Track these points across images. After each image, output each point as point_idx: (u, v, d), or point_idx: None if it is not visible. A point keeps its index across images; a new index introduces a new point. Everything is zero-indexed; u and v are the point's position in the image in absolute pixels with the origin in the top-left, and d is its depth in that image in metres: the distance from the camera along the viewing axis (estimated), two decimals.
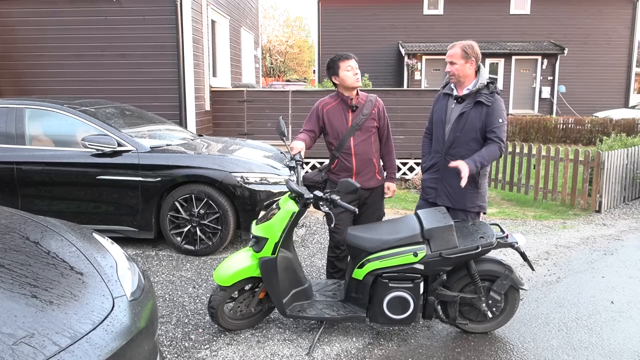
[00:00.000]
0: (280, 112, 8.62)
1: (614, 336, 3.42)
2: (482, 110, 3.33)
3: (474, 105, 3.35)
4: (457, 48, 3.37)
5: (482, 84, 3.35)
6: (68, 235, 2.45)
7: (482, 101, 3.32)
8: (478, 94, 3.34)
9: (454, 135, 3.41)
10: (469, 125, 3.36)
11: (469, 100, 3.38)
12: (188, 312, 3.71)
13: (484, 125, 3.34)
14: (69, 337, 1.78)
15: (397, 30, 19.63)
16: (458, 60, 3.37)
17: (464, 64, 3.36)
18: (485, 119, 3.33)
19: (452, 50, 3.40)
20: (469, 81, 3.40)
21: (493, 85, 3.36)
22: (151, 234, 4.95)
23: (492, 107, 3.31)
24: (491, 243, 3.10)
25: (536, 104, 19.44)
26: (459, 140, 3.40)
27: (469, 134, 3.37)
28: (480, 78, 3.36)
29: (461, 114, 3.38)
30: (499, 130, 3.32)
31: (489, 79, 3.39)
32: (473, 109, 3.35)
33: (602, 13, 19.27)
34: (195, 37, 7.89)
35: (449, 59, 3.42)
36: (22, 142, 4.97)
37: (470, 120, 3.35)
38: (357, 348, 3.24)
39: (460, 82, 3.42)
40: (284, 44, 37.84)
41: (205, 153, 5.11)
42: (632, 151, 7.36)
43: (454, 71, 3.40)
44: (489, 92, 3.34)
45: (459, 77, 3.40)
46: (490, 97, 3.33)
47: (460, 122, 3.38)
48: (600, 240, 5.62)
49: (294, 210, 3.12)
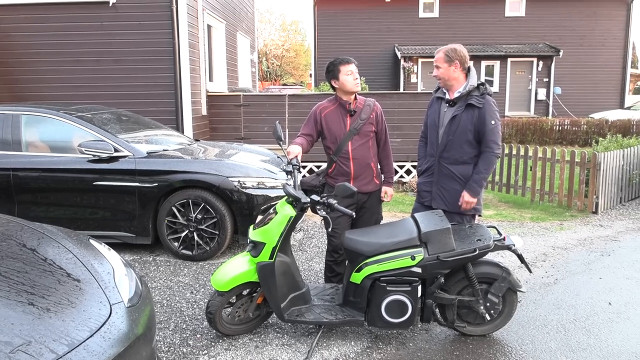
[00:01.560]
0: (277, 116, 8.63)
1: (612, 337, 3.42)
2: (473, 113, 3.35)
3: (466, 108, 3.37)
4: (441, 53, 3.44)
5: (472, 86, 3.37)
6: (65, 242, 2.45)
7: (473, 103, 3.34)
8: (469, 97, 3.37)
9: (447, 138, 3.43)
10: (461, 129, 3.38)
11: (461, 103, 3.40)
12: (186, 318, 3.70)
13: (476, 128, 3.36)
14: (67, 345, 1.77)
15: (393, 34, 19.69)
16: (442, 64, 3.42)
17: (448, 67, 3.40)
18: (477, 121, 3.35)
19: (437, 55, 3.47)
20: (458, 84, 3.43)
21: (484, 87, 3.38)
22: (148, 240, 4.93)
23: (484, 109, 3.34)
24: (488, 246, 3.10)
25: (532, 106, 19.51)
26: (452, 143, 3.42)
27: (461, 137, 3.39)
28: (470, 80, 3.39)
29: (453, 117, 3.41)
30: (491, 133, 3.34)
31: (479, 81, 3.41)
32: (465, 111, 3.37)
33: (596, 15, 19.38)
34: (191, 42, 7.90)
35: (434, 64, 3.48)
36: (18, 148, 4.96)
37: (463, 123, 3.37)
38: (356, 352, 3.23)
39: (449, 85, 3.46)
40: (280, 47, 37.90)
41: (202, 158, 5.11)
42: (628, 152, 7.38)
43: (439, 75, 3.46)
44: (479, 94, 3.36)
45: (446, 80, 3.45)
46: (481, 99, 3.35)
47: (453, 125, 3.41)
48: (597, 241, 5.63)
49: (291, 215, 3.12)
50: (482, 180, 3.40)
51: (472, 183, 3.40)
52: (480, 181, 3.40)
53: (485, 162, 3.39)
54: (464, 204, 3.42)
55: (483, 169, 3.39)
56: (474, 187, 3.40)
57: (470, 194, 3.40)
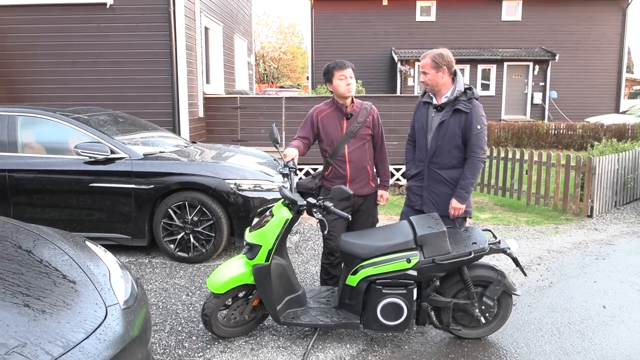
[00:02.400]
0: (273, 118, 8.63)
1: (606, 341, 3.44)
2: (461, 118, 3.37)
3: (453, 113, 3.38)
4: (428, 58, 3.43)
5: (460, 91, 3.38)
6: (60, 243, 2.44)
7: (461, 109, 3.35)
8: (456, 102, 3.38)
9: (436, 144, 3.44)
10: (450, 134, 3.39)
11: (448, 109, 3.41)
12: (182, 320, 3.70)
13: (463, 133, 3.38)
14: (62, 347, 1.77)
15: (390, 37, 19.75)
16: (429, 70, 3.42)
17: (435, 74, 3.40)
18: (464, 126, 3.36)
19: (423, 60, 3.46)
20: (445, 89, 3.44)
21: (471, 91, 3.39)
22: (144, 242, 4.93)
23: (470, 113, 3.35)
24: (484, 249, 3.11)
25: (528, 110, 19.59)
26: (441, 148, 3.43)
27: (450, 142, 3.41)
28: (457, 85, 3.39)
29: (441, 123, 3.41)
30: (476, 138, 3.35)
31: (466, 85, 3.42)
32: (452, 117, 3.38)
33: (592, 19, 19.49)
34: (188, 44, 7.90)
35: (420, 69, 3.48)
36: (14, 149, 4.95)
37: (451, 128, 3.39)
38: (351, 355, 3.24)
39: (436, 90, 3.46)
40: (278, 50, 37.90)
41: (198, 160, 5.11)
42: (623, 156, 7.42)
43: (427, 81, 3.46)
44: (467, 99, 3.37)
45: (433, 86, 3.45)
46: (468, 104, 3.36)
47: (441, 131, 3.42)
48: (592, 245, 5.65)
49: (287, 217, 3.12)
50: (469, 185, 3.41)
51: (459, 189, 3.42)
52: (467, 187, 3.41)
53: (471, 168, 3.40)
54: (452, 211, 3.44)
55: (469, 174, 3.40)
56: (462, 193, 3.42)
57: (458, 201, 3.42)
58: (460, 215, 3.49)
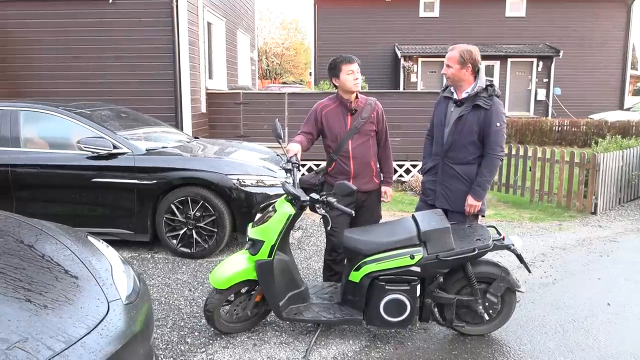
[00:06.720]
0: (276, 114, 8.60)
1: (610, 338, 3.42)
2: (480, 114, 3.34)
3: (472, 108, 3.36)
4: (456, 52, 3.38)
5: (481, 87, 3.36)
6: (63, 238, 2.43)
7: (480, 105, 3.33)
8: (477, 98, 3.35)
9: (452, 138, 3.42)
10: (467, 129, 3.37)
11: (468, 104, 3.39)
12: (184, 316, 3.69)
13: (481, 129, 3.35)
14: (64, 342, 1.76)
15: (393, 33, 19.67)
16: (454, 65, 3.38)
17: (459, 69, 3.37)
18: (482, 122, 3.34)
19: (451, 52, 3.41)
20: (467, 85, 3.41)
21: (492, 88, 3.37)
22: (147, 237, 4.92)
23: (490, 110, 3.33)
24: (488, 245, 3.09)
25: (532, 106, 19.53)
26: (457, 143, 3.42)
27: (467, 138, 3.38)
28: (479, 81, 3.37)
29: (459, 117, 3.39)
30: (495, 135, 3.33)
31: (487, 82, 3.39)
32: (471, 112, 3.36)
33: (597, 16, 19.38)
34: (191, 39, 7.87)
35: (446, 61, 3.43)
36: (17, 144, 4.94)
37: (469, 123, 3.37)
38: (354, 351, 3.23)
39: (457, 85, 3.44)
40: (280, 46, 37.84)
41: (201, 155, 5.09)
42: (627, 153, 7.38)
43: (449, 74, 3.43)
44: (487, 96, 3.35)
45: (454, 80, 3.43)
46: (488, 101, 3.33)
47: (459, 126, 3.40)
48: (596, 242, 5.63)
49: (290, 213, 3.11)
50: (486, 183, 3.40)
51: (476, 187, 3.40)
52: (484, 184, 3.40)
53: (489, 165, 3.38)
54: (468, 208, 3.42)
55: (487, 172, 3.38)
56: (478, 190, 3.40)
57: (474, 198, 3.40)
58: (474, 213, 3.47)
